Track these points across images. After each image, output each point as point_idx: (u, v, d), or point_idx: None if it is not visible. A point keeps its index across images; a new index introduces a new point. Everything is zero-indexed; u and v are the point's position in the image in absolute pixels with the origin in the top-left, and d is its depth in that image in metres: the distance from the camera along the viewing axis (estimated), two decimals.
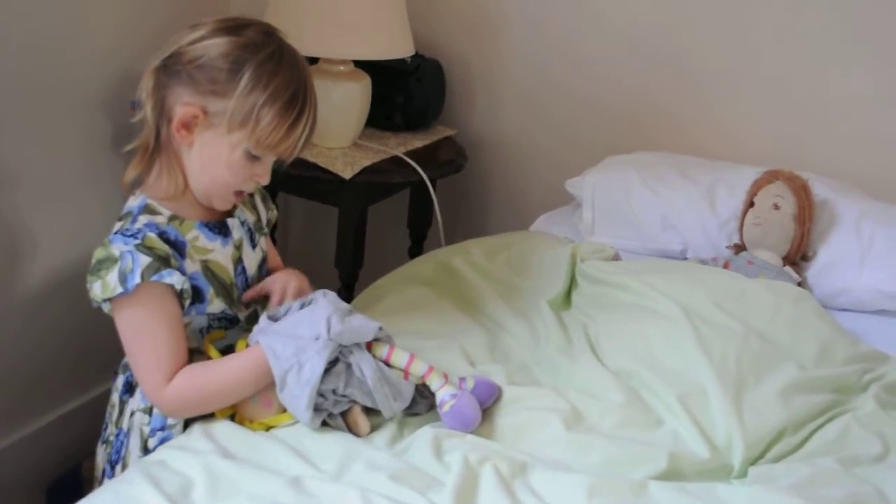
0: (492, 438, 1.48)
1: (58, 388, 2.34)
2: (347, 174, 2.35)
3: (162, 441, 1.61)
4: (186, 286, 1.52)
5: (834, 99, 2.34)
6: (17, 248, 2.14)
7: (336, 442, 1.42)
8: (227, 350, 1.62)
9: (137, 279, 1.47)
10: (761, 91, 2.41)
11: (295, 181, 2.38)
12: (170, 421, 1.60)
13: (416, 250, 2.79)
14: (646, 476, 1.41)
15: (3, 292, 2.14)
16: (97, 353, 1.68)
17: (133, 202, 1.60)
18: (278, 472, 1.34)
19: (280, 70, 1.51)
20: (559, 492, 1.34)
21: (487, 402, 1.54)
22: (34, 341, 2.23)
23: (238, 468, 1.35)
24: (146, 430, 1.63)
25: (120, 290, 1.47)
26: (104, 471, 1.72)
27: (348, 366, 1.49)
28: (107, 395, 1.82)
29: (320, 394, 1.45)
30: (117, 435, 1.68)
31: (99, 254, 1.52)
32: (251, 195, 1.75)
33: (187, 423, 1.59)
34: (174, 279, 1.50)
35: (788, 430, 1.56)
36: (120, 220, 1.59)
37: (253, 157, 1.55)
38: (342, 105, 2.45)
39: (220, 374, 1.53)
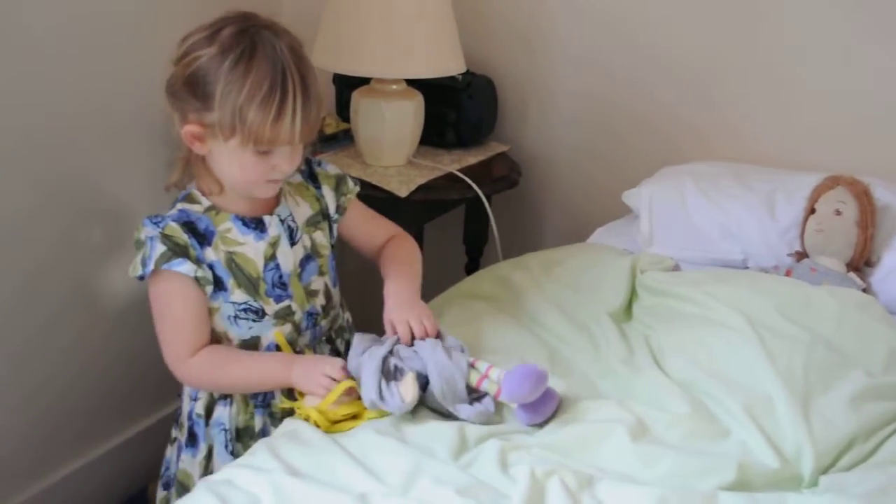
0: (556, 451, 1.46)
1: (125, 411, 2.37)
2: (403, 192, 2.36)
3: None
4: (201, 274, 1.63)
5: (891, 101, 2.31)
6: (89, 273, 2.18)
7: (402, 456, 1.42)
8: (252, 341, 1.72)
9: (151, 266, 1.60)
10: (817, 98, 2.38)
11: None
12: (199, 393, 1.76)
13: (472, 266, 2.78)
14: (714, 487, 1.39)
15: (76, 319, 2.17)
16: (163, 375, 1.72)
17: (183, 191, 1.71)
18: (345, 489, 1.34)
19: (251, 67, 1.53)
20: None
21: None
22: (105, 364, 2.27)
23: (305, 486, 1.35)
24: (190, 396, 1.78)
25: (140, 272, 1.63)
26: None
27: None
28: (172, 417, 1.85)
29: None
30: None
31: (135, 234, 1.64)
32: (318, 186, 1.80)
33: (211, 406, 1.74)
34: (185, 268, 1.61)
35: (859, 439, 1.53)
36: None
37: (263, 153, 1.59)
38: (396, 124, 2.46)
39: (242, 366, 1.67)
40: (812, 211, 2.10)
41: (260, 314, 1.70)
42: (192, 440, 1.76)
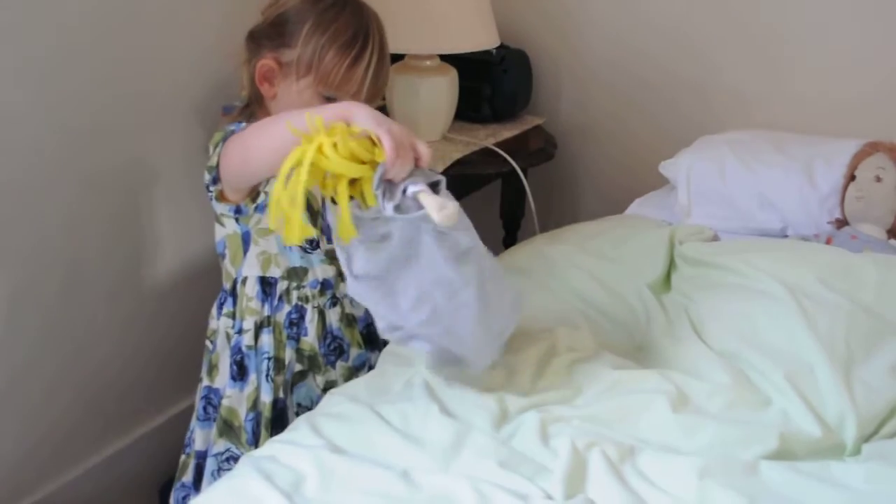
0: (597, 423, 1.47)
1: (170, 389, 2.39)
2: (439, 168, 2.35)
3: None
4: None
5: None
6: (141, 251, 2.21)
7: (444, 428, 1.43)
8: (300, 270, 1.76)
9: (244, 125, 1.59)
10: (856, 63, 2.35)
11: None
12: (245, 325, 1.76)
13: (510, 240, 2.78)
14: (756, 456, 1.39)
15: (132, 291, 2.21)
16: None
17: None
18: (388, 465, 1.35)
19: (341, 16, 1.65)
20: (669, 474, 1.33)
21: None
22: (152, 341, 2.29)
23: (348, 462, 1.36)
24: (231, 331, 1.79)
25: (222, 141, 1.59)
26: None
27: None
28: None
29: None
30: (212, 342, 1.83)
31: (215, 138, 1.64)
32: None
33: (257, 334, 1.75)
34: None
35: None
36: None
37: (327, 100, 1.63)
38: (430, 99, 2.46)
39: (270, 122, 1.52)
40: (852, 178, 2.08)
41: (314, 245, 1.74)
42: (242, 373, 1.77)
